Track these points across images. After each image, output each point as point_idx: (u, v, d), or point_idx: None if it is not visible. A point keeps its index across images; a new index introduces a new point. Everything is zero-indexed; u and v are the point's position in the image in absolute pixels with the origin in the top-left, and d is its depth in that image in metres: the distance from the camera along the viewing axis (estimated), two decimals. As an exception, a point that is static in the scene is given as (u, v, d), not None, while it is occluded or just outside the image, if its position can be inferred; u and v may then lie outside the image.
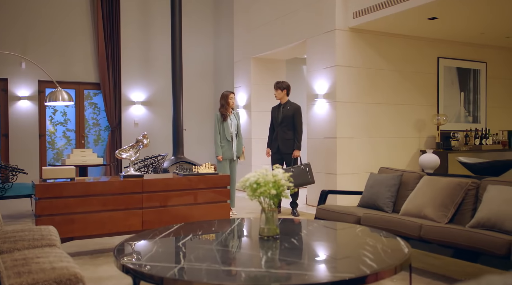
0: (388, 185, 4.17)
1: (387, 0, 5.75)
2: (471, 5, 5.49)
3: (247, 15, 8.79)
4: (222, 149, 5.98)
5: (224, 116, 6.03)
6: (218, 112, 6.09)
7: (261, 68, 8.72)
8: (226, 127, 6.00)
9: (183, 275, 2.12)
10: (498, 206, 3.19)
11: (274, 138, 6.16)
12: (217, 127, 6.02)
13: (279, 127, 6.10)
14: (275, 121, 6.19)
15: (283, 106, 6.15)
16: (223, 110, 6.06)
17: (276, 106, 6.31)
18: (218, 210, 4.54)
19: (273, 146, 6.18)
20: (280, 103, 6.20)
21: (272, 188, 2.70)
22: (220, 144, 5.98)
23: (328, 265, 2.40)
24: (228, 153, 6.01)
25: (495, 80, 8.14)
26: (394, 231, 3.46)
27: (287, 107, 6.11)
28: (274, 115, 6.24)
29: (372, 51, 6.77)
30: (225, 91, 6.18)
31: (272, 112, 6.32)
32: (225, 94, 6.10)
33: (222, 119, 6.01)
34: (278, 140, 6.09)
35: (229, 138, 6.00)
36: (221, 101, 6.10)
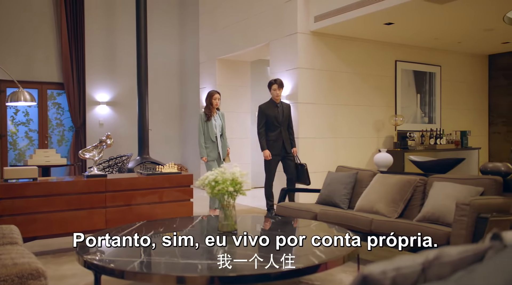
0: (344, 183, 4.38)
1: (346, 6, 5.98)
2: (424, 12, 5.78)
3: (212, 17, 8.90)
4: (207, 150, 5.74)
5: (207, 116, 5.81)
6: (202, 112, 5.88)
7: (226, 70, 8.85)
8: (210, 128, 5.78)
9: (143, 268, 2.24)
10: (441, 201, 3.44)
11: (276, 139, 5.79)
12: (201, 128, 5.80)
13: (282, 127, 5.81)
14: (275, 120, 5.79)
15: (279, 105, 5.87)
16: (206, 110, 5.84)
17: (268, 105, 5.88)
18: (182, 208, 4.64)
19: (275, 147, 5.80)
20: (274, 102, 5.86)
21: (230, 185, 2.85)
22: (204, 144, 5.75)
23: (280, 257, 2.56)
24: (213, 153, 5.75)
25: (449, 83, 8.53)
26: (348, 225, 3.66)
27: (283, 106, 5.91)
28: (273, 115, 5.79)
29: (332, 54, 7.00)
30: (210, 91, 5.98)
31: (266, 111, 5.82)
32: (210, 94, 5.89)
33: (205, 119, 5.81)
34: (283, 141, 5.81)
35: (213, 139, 5.76)
36: (206, 100, 5.90)
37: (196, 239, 3.04)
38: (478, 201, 3.08)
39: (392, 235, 3.44)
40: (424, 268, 1.21)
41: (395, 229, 3.42)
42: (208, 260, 2.45)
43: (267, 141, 5.81)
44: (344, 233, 2.99)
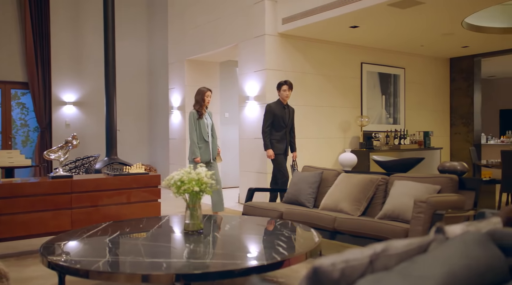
0: (309, 182, 4.48)
1: (312, 9, 6.10)
2: (388, 16, 5.95)
3: (181, 18, 8.90)
4: (200, 150, 5.48)
5: (200, 114, 5.54)
6: (194, 110, 5.57)
7: (195, 70, 8.86)
8: (203, 127, 5.54)
9: (108, 268, 2.26)
10: (401, 199, 3.58)
11: (280, 139, 5.73)
12: (194, 126, 5.50)
13: (287, 128, 5.80)
14: (282, 121, 5.73)
15: (287, 106, 5.84)
16: (198, 107, 5.56)
17: (277, 104, 5.79)
18: (149, 208, 4.65)
19: (279, 147, 5.71)
20: (282, 103, 5.79)
21: (195, 185, 2.89)
22: (197, 144, 5.49)
23: (244, 254, 2.63)
24: (206, 154, 5.55)
25: (413, 85, 8.79)
26: (312, 224, 3.76)
27: (289, 108, 5.87)
28: (281, 115, 5.73)
29: (300, 56, 7.12)
30: (202, 88, 5.68)
31: (274, 111, 5.72)
32: (202, 91, 5.61)
33: (197, 117, 5.53)
34: (287, 142, 5.79)
35: (206, 138, 5.54)
36: (196, 97, 5.61)
37: (162, 238, 3.07)
38: (434, 199, 3.22)
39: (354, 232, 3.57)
40: (371, 260, 1.29)
41: (357, 227, 3.54)
42: (173, 258, 2.49)
43: (270, 140, 5.70)
44: (308, 231, 3.08)
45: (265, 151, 5.74)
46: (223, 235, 3.08)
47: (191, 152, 5.46)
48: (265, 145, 5.71)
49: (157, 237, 3.07)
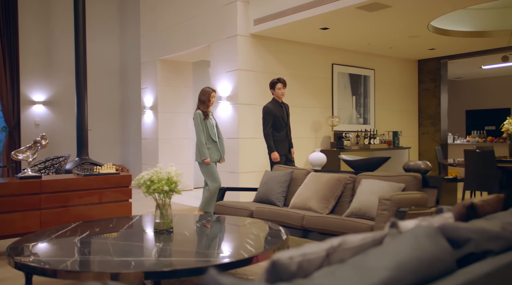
0: (279, 181, 4.56)
1: (283, 11, 6.19)
2: (356, 19, 6.09)
3: (153, 17, 8.87)
4: (209, 150, 5.41)
5: (205, 114, 5.44)
6: (199, 111, 5.43)
7: (168, 70, 8.84)
8: (210, 127, 5.46)
9: (76, 267, 2.27)
10: (367, 197, 3.69)
11: (283, 139, 5.68)
12: (201, 127, 5.39)
13: (286, 127, 5.76)
14: (282, 121, 5.68)
15: (283, 104, 5.80)
16: (204, 108, 5.45)
17: (273, 105, 5.72)
18: (120, 208, 4.64)
19: (282, 147, 5.65)
20: (278, 102, 5.74)
21: (165, 184, 2.92)
22: (206, 145, 5.41)
23: (213, 252, 2.68)
24: (215, 155, 5.48)
25: (382, 86, 8.99)
26: (282, 222, 3.83)
27: (285, 106, 5.82)
28: (280, 115, 5.68)
29: (271, 57, 7.20)
30: (207, 88, 5.59)
31: (273, 111, 5.65)
32: (208, 91, 5.51)
33: (203, 118, 5.42)
34: (287, 141, 5.75)
35: (214, 138, 5.47)
36: (202, 98, 5.48)
37: (131, 237, 3.09)
38: (398, 196, 3.34)
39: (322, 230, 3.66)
40: (328, 254, 1.37)
41: (325, 224, 3.63)
42: (142, 257, 2.51)
43: (274, 142, 5.59)
44: (276, 229, 3.15)
45: (270, 154, 5.57)
46: (193, 233, 3.13)
47: (201, 153, 5.36)
48: (270, 148, 5.57)
49: (127, 236, 3.09)
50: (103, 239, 2.96)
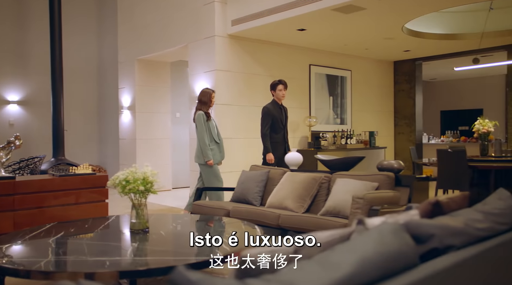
0: (256, 181, 4.60)
1: (260, 12, 6.24)
2: (332, 20, 6.17)
3: (131, 17, 8.82)
4: (212, 152, 5.36)
5: (208, 115, 5.39)
6: (201, 112, 5.37)
7: (146, 70, 8.80)
8: (212, 128, 5.43)
9: (49, 267, 2.27)
10: (342, 196, 3.76)
11: (280, 141, 5.67)
12: (204, 128, 5.32)
13: (284, 129, 5.75)
14: (280, 123, 5.67)
15: (282, 106, 5.78)
16: (206, 109, 5.41)
17: (273, 106, 5.70)
18: (97, 209, 4.62)
19: (279, 149, 5.64)
20: (278, 104, 5.73)
21: (141, 184, 2.94)
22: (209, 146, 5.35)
23: (189, 251, 2.70)
24: (217, 156, 5.43)
25: (359, 86, 9.12)
26: (258, 221, 3.88)
27: (284, 109, 5.80)
28: (278, 116, 5.66)
29: (249, 57, 7.24)
30: (206, 89, 5.58)
31: (272, 112, 5.64)
32: (208, 92, 5.49)
33: (206, 119, 5.37)
34: (284, 144, 5.73)
35: (217, 139, 5.43)
36: (203, 99, 5.44)
37: (107, 237, 3.09)
38: (371, 195, 3.41)
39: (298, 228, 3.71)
40: (296, 250, 1.41)
41: (300, 223, 3.69)
42: (117, 256, 2.52)
43: (271, 144, 5.57)
44: (252, 228, 3.19)
45: (265, 154, 5.55)
46: (169, 233, 3.14)
47: (204, 154, 5.29)
48: (266, 148, 5.56)
49: (103, 237, 3.09)
50: (78, 240, 2.96)
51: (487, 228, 1.83)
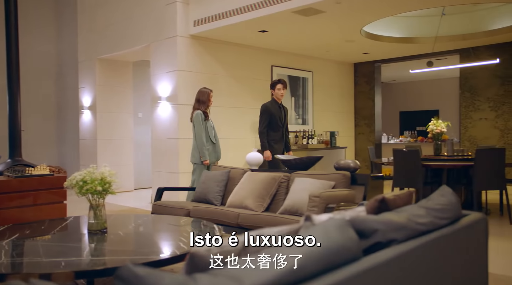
0: (217, 181, 4.65)
1: (222, 13, 6.28)
2: (293, 23, 6.28)
3: (92, 15, 8.68)
4: (208, 152, 5.33)
5: (206, 115, 5.37)
6: (199, 111, 5.34)
7: (107, 69, 8.68)
8: (209, 128, 5.41)
9: (2, 269, 2.25)
10: (300, 195, 3.85)
11: (278, 140, 5.66)
12: (202, 128, 5.30)
13: (283, 128, 5.74)
14: (279, 122, 5.67)
15: (281, 106, 5.77)
16: (204, 108, 5.38)
17: (272, 104, 5.71)
18: (54, 210, 4.55)
19: (277, 148, 5.64)
20: (277, 103, 5.75)
21: (98, 185, 2.93)
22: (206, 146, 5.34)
23: (146, 250, 2.73)
24: (213, 156, 5.41)
25: (320, 88, 9.30)
26: (218, 220, 3.92)
27: (284, 108, 5.79)
28: (278, 116, 5.67)
29: (211, 58, 7.27)
30: (205, 88, 5.52)
31: (272, 110, 5.66)
32: (206, 91, 5.45)
33: (204, 119, 5.34)
34: (284, 142, 5.71)
35: (213, 140, 5.42)
36: (202, 98, 5.40)
37: (64, 239, 3.07)
38: (327, 193, 3.52)
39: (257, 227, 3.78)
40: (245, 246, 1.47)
41: (259, 222, 3.76)
42: (73, 257, 2.52)
43: (268, 142, 5.59)
44: (210, 227, 3.24)
45: (263, 152, 5.57)
46: (127, 233, 3.15)
47: (201, 153, 5.26)
48: (263, 146, 5.60)
49: (59, 238, 3.06)
50: (34, 241, 2.93)
51: (428, 222, 1.94)
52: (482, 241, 2.23)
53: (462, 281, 2.06)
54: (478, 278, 2.19)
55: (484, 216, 2.31)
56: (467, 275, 2.10)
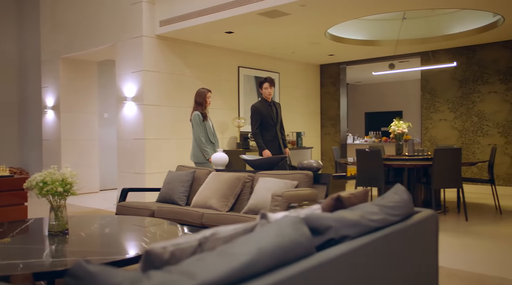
0: (182, 181, 4.66)
1: (188, 13, 6.29)
2: (259, 24, 6.35)
3: (54, 13, 8.51)
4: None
5: (204, 116, 5.45)
6: (197, 112, 5.44)
7: (71, 69, 8.54)
8: (208, 128, 5.48)
9: (-44, 272, 2.21)
10: (263, 194, 3.91)
11: (272, 139, 5.61)
12: (201, 128, 5.39)
13: (276, 126, 5.65)
14: (271, 120, 5.61)
15: (272, 104, 5.69)
16: (202, 109, 5.46)
17: (262, 104, 5.68)
18: (14, 212, 4.46)
19: (272, 147, 5.60)
20: (267, 101, 5.67)
21: (59, 186, 2.91)
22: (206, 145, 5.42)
23: (107, 251, 2.72)
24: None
25: (287, 89, 9.41)
26: (182, 220, 3.94)
27: (275, 105, 5.72)
28: (269, 114, 5.61)
29: (178, 58, 7.26)
30: (202, 89, 5.57)
31: (262, 110, 5.62)
32: (203, 92, 5.51)
33: (203, 119, 5.43)
34: (279, 141, 5.65)
35: (212, 140, 5.50)
36: (198, 99, 5.49)
37: (23, 241, 3.03)
38: (289, 193, 3.59)
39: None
40: (200, 243, 1.51)
41: (223, 221, 3.80)
42: (32, 258, 2.49)
43: (264, 141, 5.57)
44: (174, 227, 3.26)
45: (261, 152, 5.55)
46: (89, 234, 3.13)
47: (204, 152, 5.35)
48: (260, 147, 5.55)
49: (18, 240, 3.02)
50: (-9, 243, 2.87)
51: (380, 219, 2.03)
52: (433, 237, 2.34)
53: (413, 275, 2.15)
54: (428, 272, 2.30)
55: (435, 213, 2.42)
56: (418, 269, 2.19)
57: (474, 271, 3.48)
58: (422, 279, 2.25)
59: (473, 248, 4.28)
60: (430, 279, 2.33)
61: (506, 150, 7.73)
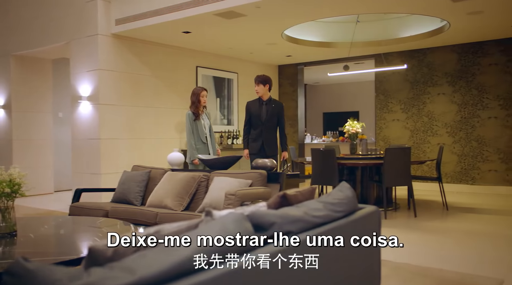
0: (137, 181, 4.64)
1: (144, 13, 6.25)
2: (216, 25, 6.38)
3: (4, 8, 8.25)
4: (198, 151, 5.50)
5: (196, 115, 5.52)
6: (190, 111, 5.55)
7: (24, 67, 8.30)
8: (200, 128, 5.53)
9: None
10: (217, 193, 3.96)
11: (256, 138, 5.52)
12: (190, 128, 5.49)
13: (263, 126, 5.50)
14: (257, 119, 5.51)
15: (266, 103, 5.52)
16: (194, 108, 5.55)
17: (254, 102, 5.60)
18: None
19: (254, 146, 5.52)
20: (261, 100, 5.54)
21: (6, 186, 2.86)
22: (195, 146, 5.52)
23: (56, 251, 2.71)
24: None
25: (245, 89, 9.48)
26: (136, 220, 3.94)
27: (271, 105, 5.54)
28: (255, 113, 5.51)
29: (135, 57, 7.19)
30: (197, 88, 5.66)
31: (250, 108, 5.57)
32: (197, 92, 5.59)
33: (194, 118, 5.50)
34: (263, 141, 5.50)
35: (204, 139, 5.54)
36: (192, 98, 5.58)
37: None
38: (242, 191, 3.66)
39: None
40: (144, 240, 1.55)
41: (177, 221, 3.81)
42: (-23, 261, 2.45)
43: (246, 140, 5.57)
44: (127, 226, 3.26)
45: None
46: (38, 235, 3.09)
47: (189, 154, 5.50)
48: (243, 145, 5.62)
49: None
50: None
51: (323, 215, 2.12)
52: (375, 232, 2.46)
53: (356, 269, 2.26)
54: (371, 265, 2.42)
55: (377, 209, 2.54)
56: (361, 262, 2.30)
57: (418, 264, 3.66)
58: (365, 271, 2.36)
59: (419, 242, 4.49)
60: (372, 271, 2.44)
61: (454, 149, 8.10)
